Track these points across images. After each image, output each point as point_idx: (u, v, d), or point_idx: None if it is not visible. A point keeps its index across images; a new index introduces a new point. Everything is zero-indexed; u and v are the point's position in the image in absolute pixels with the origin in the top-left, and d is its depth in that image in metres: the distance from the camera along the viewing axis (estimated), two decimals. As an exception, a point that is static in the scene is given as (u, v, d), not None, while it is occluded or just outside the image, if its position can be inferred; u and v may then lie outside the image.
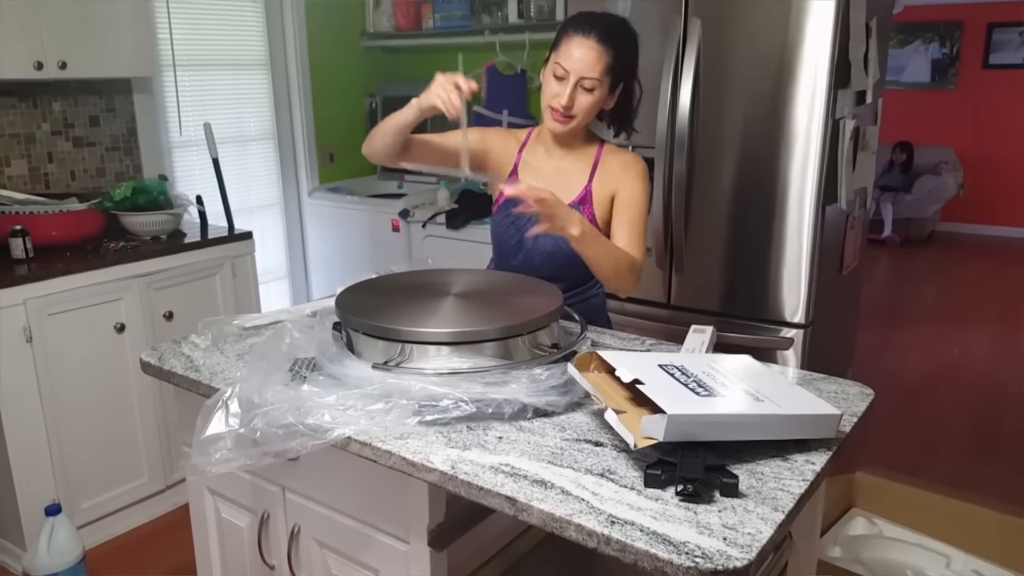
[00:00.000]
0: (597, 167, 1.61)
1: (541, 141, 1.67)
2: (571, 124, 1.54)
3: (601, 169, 1.61)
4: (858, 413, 1.18)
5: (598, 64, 1.47)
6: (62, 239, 2.36)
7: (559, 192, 1.59)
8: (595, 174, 1.61)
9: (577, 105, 1.51)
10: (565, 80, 1.49)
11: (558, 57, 1.50)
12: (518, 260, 1.66)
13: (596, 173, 1.61)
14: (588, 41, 1.47)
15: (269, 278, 3.57)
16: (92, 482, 2.36)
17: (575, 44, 1.48)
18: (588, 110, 1.52)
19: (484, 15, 3.43)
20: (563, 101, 1.49)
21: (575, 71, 1.48)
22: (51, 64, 2.32)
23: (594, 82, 1.48)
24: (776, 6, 2.15)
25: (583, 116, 1.53)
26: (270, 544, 1.37)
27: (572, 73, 1.48)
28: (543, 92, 1.55)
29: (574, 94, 1.49)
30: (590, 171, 1.61)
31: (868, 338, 4.13)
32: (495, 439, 1.08)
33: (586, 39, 1.47)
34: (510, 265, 1.68)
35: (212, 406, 1.14)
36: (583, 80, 1.48)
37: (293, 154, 3.62)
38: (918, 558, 2.03)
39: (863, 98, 2.40)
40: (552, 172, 1.63)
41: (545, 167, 1.64)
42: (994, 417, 3.36)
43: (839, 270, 2.54)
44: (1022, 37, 6.66)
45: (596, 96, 1.51)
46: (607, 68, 1.48)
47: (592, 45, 1.47)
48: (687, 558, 0.82)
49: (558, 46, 1.51)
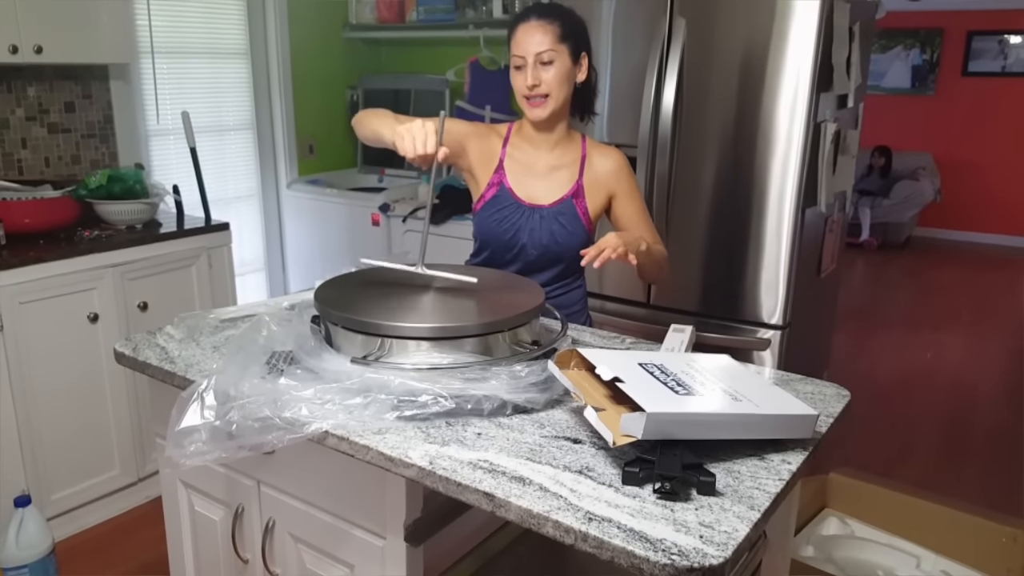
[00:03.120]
0: (585, 161, 1.65)
1: (524, 136, 1.68)
2: (547, 105, 1.57)
3: (589, 162, 1.65)
4: (834, 414, 1.19)
5: (546, 37, 1.53)
6: (35, 227, 2.31)
7: (552, 187, 1.63)
8: (584, 168, 1.64)
9: (544, 81, 1.55)
10: (523, 68, 1.55)
11: (512, 51, 1.57)
12: (512, 255, 1.67)
13: (585, 168, 1.65)
14: (530, 23, 1.55)
15: (246, 270, 3.54)
16: (63, 473, 2.32)
17: (520, 31, 1.55)
18: (558, 83, 1.56)
19: (468, 9, 3.42)
20: (529, 81, 1.54)
21: (528, 52, 1.54)
22: (26, 48, 2.27)
23: (551, 53, 1.54)
24: (761, 8, 2.16)
25: (555, 91, 1.56)
26: (244, 538, 1.35)
27: (527, 55, 1.54)
28: (515, 90, 1.60)
29: (536, 72, 1.54)
30: (579, 166, 1.65)
31: (844, 340, 4.18)
32: (474, 435, 1.08)
33: (527, 23, 1.55)
34: (504, 260, 1.68)
35: (187, 398, 1.12)
36: (540, 56, 1.54)
37: (272, 145, 3.58)
38: (889, 558, 2.06)
39: (844, 102, 2.42)
40: (543, 168, 1.66)
41: (535, 164, 1.66)
42: (965, 420, 3.42)
43: (817, 273, 2.56)
44: (1001, 45, 6.77)
45: (558, 67, 1.55)
46: (557, 37, 1.54)
47: (534, 24, 1.54)
48: (663, 555, 0.82)
49: (510, 45, 1.58)
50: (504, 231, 1.66)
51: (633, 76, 2.39)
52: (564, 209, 1.63)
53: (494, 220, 1.67)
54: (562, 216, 1.62)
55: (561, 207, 1.63)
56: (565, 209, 1.62)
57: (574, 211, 1.62)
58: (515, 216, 1.64)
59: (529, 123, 1.64)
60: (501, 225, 1.66)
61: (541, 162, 1.65)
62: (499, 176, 1.67)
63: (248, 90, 3.44)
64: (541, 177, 1.65)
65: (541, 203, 1.64)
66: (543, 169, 1.65)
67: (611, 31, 2.42)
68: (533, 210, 1.64)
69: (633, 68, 2.39)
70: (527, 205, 1.64)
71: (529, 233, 1.63)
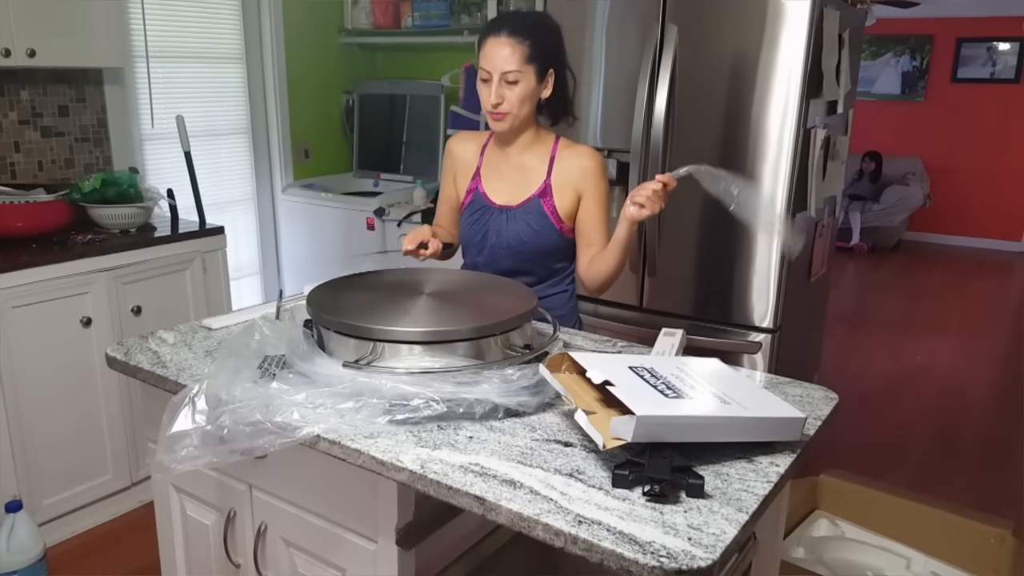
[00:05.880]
0: (554, 161, 1.66)
1: (498, 143, 1.71)
2: (507, 120, 1.59)
3: (558, 163, 1.66)
4: (822, 417, 1.20)
5: (513, 56, 1.53)
6: (28, 230, 2.31)
7: (519, 188, 1.66)
8: (552, 168, 1.65)
9: (506, 101, 1.56)
10: (489, 81, 1.56)
11: (480, 62, 1.57)
12: (484, 256, 1.70)
13: (553, 167, 1.65)
14: (500, 39, 1.54)
15: (241, 274, 3.53)
16: (55, 478, 2.32)
17: (489, 45, 1.55)
18: (518, 102, 1.57)
19: (463, 15, 3.43)
20: (492, 99, 1.56)
21: (495, 69, 1.54)
22: (19, 51, 2.27)
23: (516, 74, 1.54)
24: (752, 16, 2.18)
25: (516, 109, 1.58)
26: (236, 542, 1.35)
27: (493, 71, 1.55)
28: (480, 100, 1.61)
29: (500, 91, 1.55)
30: (547, 166, 1.66)
31: (834, 344, 4.20)
32: (465, 439, 1.08)
33: (497, 38, 1.54)
34: (475, 262, 1.72)
35: (179, 402, 1.12)
36: (506, 75, 1.54)
37: (267, 149, 3.59)
38: (879, 560, 2.07)
39: (834, 108, 2.44)
40: (511, 170, 1.68)
41: (504, 167, 1.69)
42: (955, 423, 3.44)
43: (807, 277, 2.58)
44: (989, 52, 6.83)
45: (522, 87, 1.56)
46: (525, 58, 1.54)
47: (504, 41, 1.54)
48: (652, 558, 0.83)
49: (478, 53, 1.59)
50: (475, 232, 1.70)
51: (625, 82, 2.40)
52: (531, 208, 1.65)
53: (468, 223, 1.71)
54: (528, 215, 1.65)
55: (528, 207, 1.65)
56: (532, 208, 1.65)
57: (541, 210, 1.64)
58: (486, 218, 1.68)
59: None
60: (473, 227, 1.70)
61: (511, 164, 1.68)
62: (475, 182, 1.71)
63: (243, 94, 3.45)
64: (509, 179, 1.68)
65: (510, 204, 1.67)
66: (511, 171, 1.68)
67: (604, 38, 2.43)
68: (502, 211, 1.67)
69: (625, 74, 2.40)
70: (497, 207, 1.67)
71: (497, 233, 1.66)
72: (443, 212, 1.82)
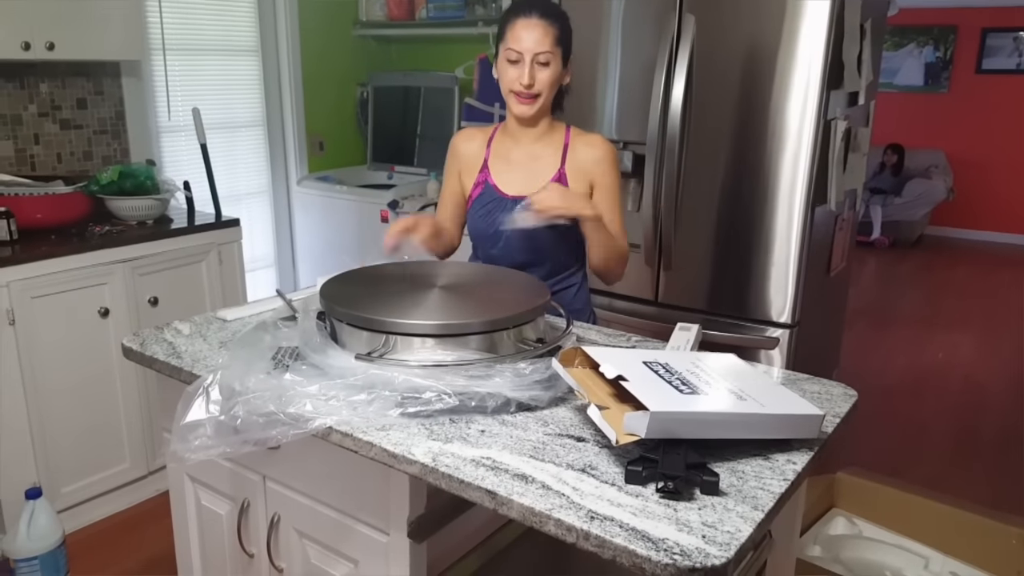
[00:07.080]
0: (567, 149, 1.65)
1: (508, 134, 1.69)
2: (537, 103, 1.58)
3: (571, 151, 1.65)
4: (841, 414, 1.18)
5: (546, 38, 1.53)
6: (47, 222, 2.33)
7: (532, 177, 1.63)
8: (566, 157, 1.64)
9: (539, 82, 1.56)
10: (520, 62, 1.55)
11: (508, 43, 1.56)
12: (498, 248, 1.68)
13: (567, 156, 1.64)
14: (532, 20, 1.53)
15: (256, 266, 3.55)
16: (74, 467, 2.35)
17: (520, 26, 1.54)
18: (550, 84, 1.57)
19: (478, 6, 3.41)
20: (524, 80, 1.54)
21: (528, 50, 1.53)
22: (39, 45, 2.29)
23: (548, 55, 1.54)
24: (771, 5, 2.15)
25: (546, 92, 1.58)
26: (250, 532, 1.36)
27: (526, 53, 1.53)
28: (501, 82, 1.60)
29: (533, 71, 1.54)
30: (561, 155, 1.64)
31: (854, 339, 4.15)
32: (477, 432, 1.08)
33: (529, 19, 1.53)
34: (489, 255, 1.70)
35: (193, 393, 1.12)
36: (538, 56, 1.54)
37: (283, 142, 3.60)
38: (897, 559, 2.04)
39: (855, 99, 2.40)
40: (524, 159, 1.66)
41: (515, 156, 1.67)
42: (976, 420, 3.39)
43: (827, 271, 2.55)
44: (1016, 43, 6.70)
45: (553, 70, 1.56)
46: (556, 40, 1.54)
47: (537, 22, 1.53)
48: (665, 555, 0.82)
49: (504, 35, 1.57)
50: (488, 225, 1.68)
51: (641, 73, 2.38)
52: None
53: (479, 216, 1.69)
54: None
55: None
56: None
57: None
58: (497, 210, 1.66)
59: (514, 118, 1.64)
60: (485, 220, 1.68)
61: (523, 154, 1.66)
62: (484, 175, 1.69)
63: (259, 87, 3.46)
64: (523, 169, 1.66)
65: (524, 194, 1.64)
66: (524, 160, 1.66)
67: (620, 28, 2.41)
68: (515, 202, 1.64)
69: (642, 66, 2.38)
70: (510, 198, 1.65)
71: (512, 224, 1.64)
72: (445, 209, 1.79)
